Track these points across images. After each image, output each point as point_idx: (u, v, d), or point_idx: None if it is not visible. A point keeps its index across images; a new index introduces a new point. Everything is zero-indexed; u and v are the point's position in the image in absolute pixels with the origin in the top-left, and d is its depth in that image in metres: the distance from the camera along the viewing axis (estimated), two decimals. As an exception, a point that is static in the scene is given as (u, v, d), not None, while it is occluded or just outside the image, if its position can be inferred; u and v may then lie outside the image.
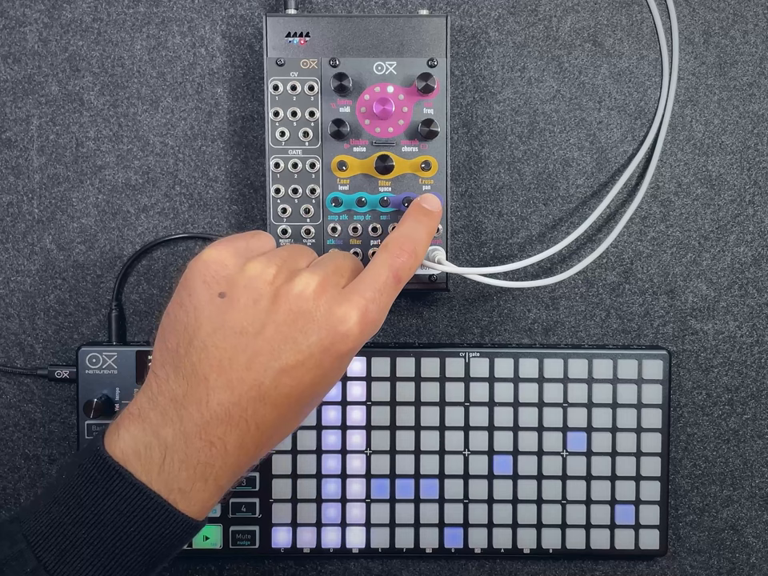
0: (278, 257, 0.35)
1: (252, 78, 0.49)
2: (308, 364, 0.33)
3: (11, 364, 0.49)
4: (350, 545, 0.48)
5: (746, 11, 0.49)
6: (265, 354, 0.33)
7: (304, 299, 0.34)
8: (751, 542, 0.50)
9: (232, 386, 0.33)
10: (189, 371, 0.33)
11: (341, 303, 0.34)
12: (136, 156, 0.49)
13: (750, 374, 0.50)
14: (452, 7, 0.49)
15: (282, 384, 0.33)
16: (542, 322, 0.50)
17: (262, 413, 0.33)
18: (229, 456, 0.33)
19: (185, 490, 0.33)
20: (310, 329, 0.33)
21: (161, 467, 0.33)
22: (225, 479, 0.34)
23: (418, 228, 0.39)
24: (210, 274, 0.34)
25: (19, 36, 0.48)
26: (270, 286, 0.34)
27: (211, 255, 0.35)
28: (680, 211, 0.50)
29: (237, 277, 0.34)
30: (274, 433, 0.35)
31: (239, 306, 0.33)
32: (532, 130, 0.49)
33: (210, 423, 0.33)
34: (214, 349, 0.33)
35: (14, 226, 0.49)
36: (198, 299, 0.34)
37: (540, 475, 0.48)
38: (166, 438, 0.33)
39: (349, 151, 0.45)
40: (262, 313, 0.33)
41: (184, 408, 0.33)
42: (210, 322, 0.33)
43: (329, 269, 0.35)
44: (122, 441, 0.33)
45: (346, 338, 0.34)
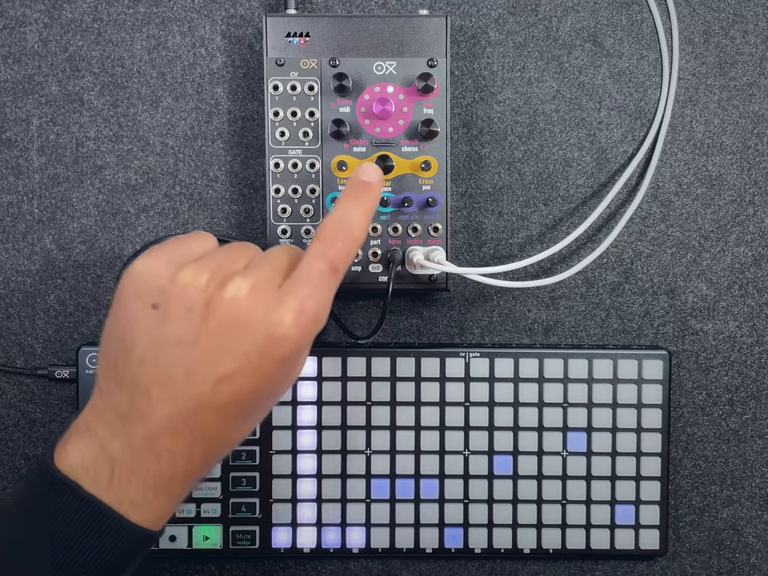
0: (212, 262, 0.34)
1: (252, 78, 0.49)
2: (246, 371, 0.32)
3: (11, 364, 0.49)
4: (350, 545, 0.48)
5: (746, 11, 0.49)
6: (201, 363, 0.32)
7: (236, 305, 0.32)
8: (751, 541, 0.50)
9: (173, 398, 0.32)
10: (130, 385, 0.33)
11: (275, 306, 0.32)
12: (136, 156, 0.49)
13: (749, 374, 0.50)
14: (452, 7, 0.49)
15: (222, 392, 0.32)
16: (542, 322, 0.50)
17: (205, 422, 0.33)
18: (178, 466, 0.33)
19: (135, 501, 0.33)
20: (245, 335, 0.32)
21: (110, 480, 0.32)
22: (176, 488, 0.34)
23: (354, 208, 0.36)
24: (142, 285, 0.33)
25: (19, 36, 0.48)
26: (202, 293, 0.33)
27: (142, 266, 0.34)
28: (680, 211, 0.50)
29: (169, 287, 0.33)
30: (222, 440, 0.34)
31: (173, 316, 0.32)
32: (532, 130, 0.49)
33: (155, 435, 0.32)
34: (151, 361, 0.32)
35: (14, 226, 0.49)
36: (131, 312, 0.33)
37: (540, 475, 0.48)
38: (114, 452, 0.33)
39: (349, 151, 0.45)
40: (196, 322, 0.32)
41: (129, 421, 0.33)
42: (145, 334, 0.33)
43: (264, 270, 0.34)
44: (70, 456, 0.33)
45: (282, 342, 0.32)
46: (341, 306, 0.50)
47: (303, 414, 0.47)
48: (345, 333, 0.48)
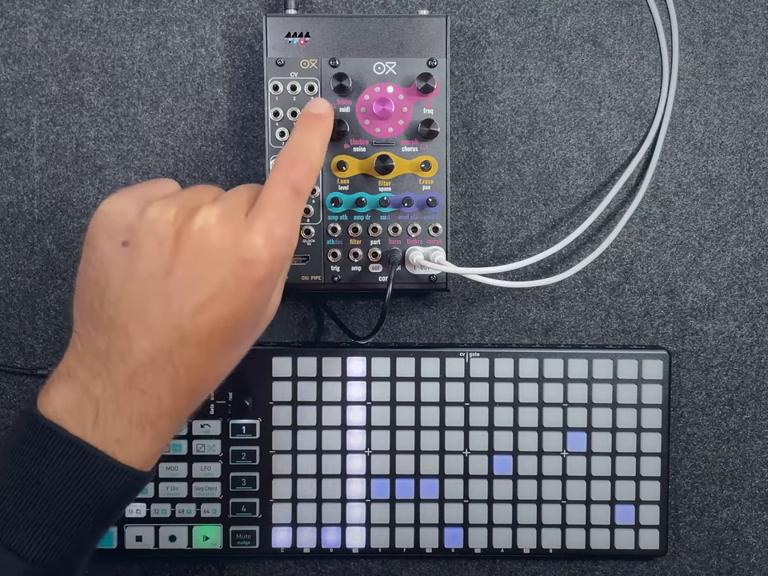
0: (179, 197, 0.35)
1: (252, 78, 0.49)
2: (223, 297, 0.32)
3: (11, 364, 0.49)
4: (350, 545, 0.48)
5: (746, 11, 0.49)
6: (178, 294, 0.32)
7: (206, 233, 0.33)
8: (751, 541, 0.50)
9: (152, 333, 0.32)
10: (107, 324, 0.33)
11: (244, 231, 0.33)
12: (136, 156, 0.49)
13: (749, 374, 0.50)
14: (452, 7, 0.49)
15: (202, 321, 0.32)
16: (542, 322, 0.50)
17: (188, 355, 0.33)
18: (163, 402, 0.33)
19: (122, 441, 0.32)
20: (217, 261, 0.32)
21: (95, 422, 0.32)
22: (163, 426, 0.34)
23: (308, 134, 0.37)
24: (110, 224, 0.33)
25: (19, 36, 0.48)
26: (171, 226, 0.33)
27: (110, 205, 0.34)
28: (680, 211, 0.50)
29: (137, 223, 0.33)
30: (206, 374, 0.34)
31: (144, 251, 0.33)
32: (532, 130, 0.49)
33: (137, 372, 0.32)
34: (127, 299, 0.33)
35: (14, 226, 0.49)
36: (102, 252, 0.33)
37: (540, 475, 0.48)
38: (96, 393, 0.32)
39: (349, 151, 0.45)
40: (168, 254, 0.33)
41: (109, 361, 0.33)
42: (118, 272, 0.33)
43: (230, 201, 0.34)
44: (53, 401, 0.33)
45: (256, 264, 0.33)
46: (341, 306, 0.50)
47: (303, 414, 0.47)
48: (345, 333, 0.48)
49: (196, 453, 0.47)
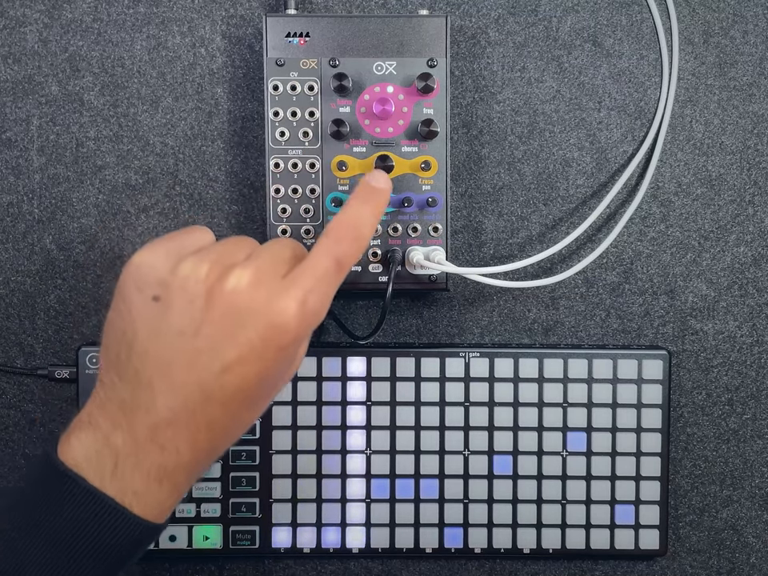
0: (212, 252, 0.34)
1: (252, 78, 0.49)
2: (250, 358, 0.32)
3: (11, 364, 0.49)
4: (350, 545, 0.48)
5: (746, 11, 0.49)
6: (204, 354, 0.32)
7: (238, 294, 0.32)
8: (751, 541, 0.50)
9: (176, 389, 0.32)
10: (132, 377, 0.33)
11: (278, 294, 0.32)
12: (136, 156, 0.49)
13: (749, 374, 0.50)
14: (452, 7, 0.49)
15: (227, 382, 0.32)
16: (542, 322, 0.50)
17: (210, 413, 0.33)
18: (181, 457, 0.33)
19: (139, 493, 0.33)
20: (247, 323, 0.32)
21: (113, 472, 0.32)
22: (180, 480, 0.34)
23: (363, 209, 0.36)
24: (142, 278, 0.33)
25: (19, 36, 0.48)
26: (202, 284, 0.33)
27: (142, 259, 0.34)
28: (680, 211, 0.50)
29: (169, 278, 0.33)
30: (227, 432, 0.34)
31: (174, 308, 0.33)
32: (532, 130, 0.49)
33: (158, 427, 0.32)
34: (154, 353, 0.33)
35: (14, 226, 0.49)
36: (132, 305, 0.33)
37: (540, 475, 0.48)
38: (117, 444, 0.33)
39: (349, 151, 0.45)
40: (198, 312, 0.32)
41: (132, 413, 0.33)
42: (147, 326, 0.33)
43: (265, 260, 0.34)
44: (73, 449, 0.33)
45: (285, 330, 0.32)
46: (341, 306, 0.50)
47: (303, 413, 0.47)
48: (345, 333, 0.48)
49: (196, 453, 0.47)
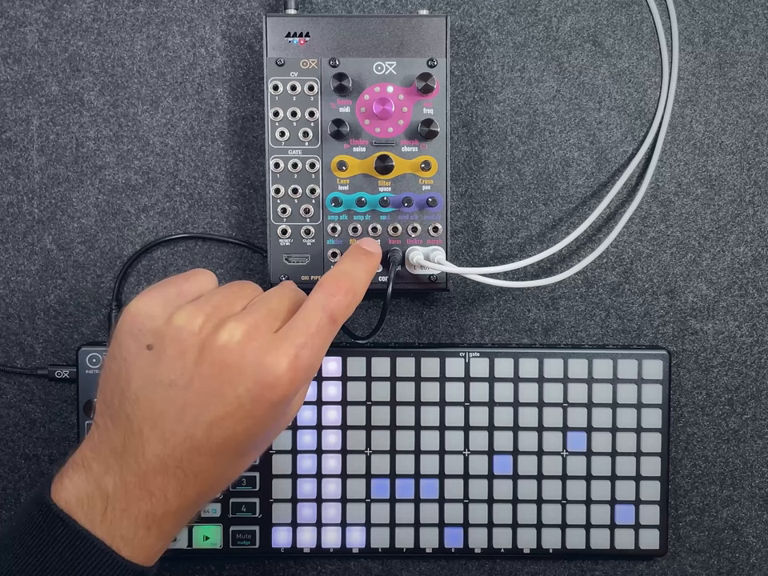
0: (208, 303, 0.34)
1: (252, 78, 0.49)
2: (238, 415, 0.33)
3: (11, 364, 0.49)
4: (350, 545, 0.48)
5: (746, 11, 0.49)
6: (194, 406, 0.33)
7: (229, 351, 0.32)
8: (751, 541, 0.50)
9: (165, 438, 0.33)
10: (124, 423, 0.33)
11: (269, 351, 0.33)
12: (136, 156, 0.49)
13: (749, 374, 0.50)
14: (452, 7, 0.49)
15: (215, 435, 0.33)
16: (542, 322, 0.50)
17: (198, 463, 0.33)
18: (170, 505, 0.33)
19: (127, 538, 0.33)
20: (237, 380, 0.32)
21: (103, 516, 0.33)
22: (168, 526, 0.34)
23: (357, 266, 0.38)
24: (137, 326, 0.34)
25: (19, 36, 0.48)
26: (196, 337, 0.33)
27: (138, 306, 0.34)
28: (680, 211, 0.50)
29: (163, 328, 0.33)
30: (215, 481, 0.35)
31: (166, 358, 0.33)
32: (532, 130, 0.49)
33: (147, 474, 0.33)
34: (145, 401, 0.33)
35: (14, 226, 0.49)
36: (127, 352, 0.34)
37: (540, 475, 0.48)
38: (107, 488, 0.33)
39: (349, 151, 0.45)
40: (190, 365, 0.33)
41: (123, 458, 0.33)
42: (139, 374, 0.33)
43: (260, 313, 0.34)
44: (65, 490, 0.33)
45: (275, 387, 0.32)
46: (341, 305, 0.50)
47: (303, 414, 0.47)
48: (345, 333, 0.48)
49: (196, 453, 0.47)
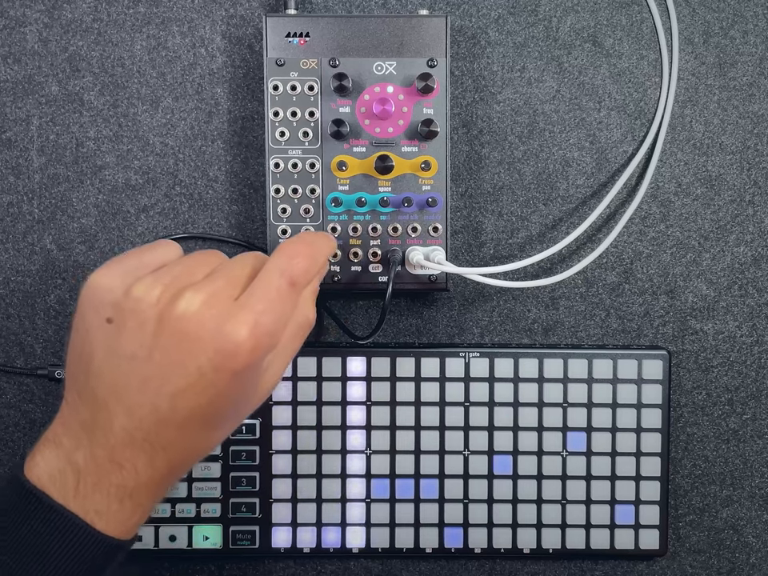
0: (168, 273, 0.33)
1: (252, 78, 0.49)
2: (200, 385, 0.32)
3: (11, 364, 0.49)
4: (350, 545, 0.48)
5: (746, 11, 0.49)
6: (156, 378, 0.32)
7: (187, 320, 0.32)
8: (751, 541, 0.50)
9: (131, 411, 0.32)
10: (90, 397, 0.33)
11: (228, 319, 0.32)
12: (136, 156, 0.49)
13: (750, 374, 0.50)
14: (452, 7, 0.49)
15: (179, 407, 0.32)
16: (542, 322, 0.50)
17: (165, 435, 0.33)
18: (141, 477, 0.33)
19: (101, 512, 0.33)
20: (197, 350, 0.32)
21: (75, 490, 0.33)
22: (142, 498, 0.34)
23: (317, 237, 0.37)
24: (98, 299, 0.33)
25: (19, 36, 0.48)
26: (154, 307, 0.32)
27: (98, 279, 0.33)
28: (680, 211, 0.50)
29: (122, 301, 0.32)
30: (186, 454, 0.34)
31: (126, 331, 0.32)
32: (532, 130, 0.49)
33: (116, 447, 0.33)
34: (108, 375, 0.33)
35: (14, 226, 0.49)
36: (89, 326, 0.33)
37: (540, 475, 0.48)
38: (78, 462, 0.33)
39: (349, 151, 0.45)
40: (149, 337, 0.32)
41: (92, 433, 0.33)
42: (101, 348, 0.33)
43: (220, 281, 0.33)
44: (37, 467, 0.33)
45: (236, 356, 0.31)
46: (341, 306, 0.50)
47: (303, 414, 0.47)
48: (345, 333, 0.48)
49: (196, 453, 0.47)
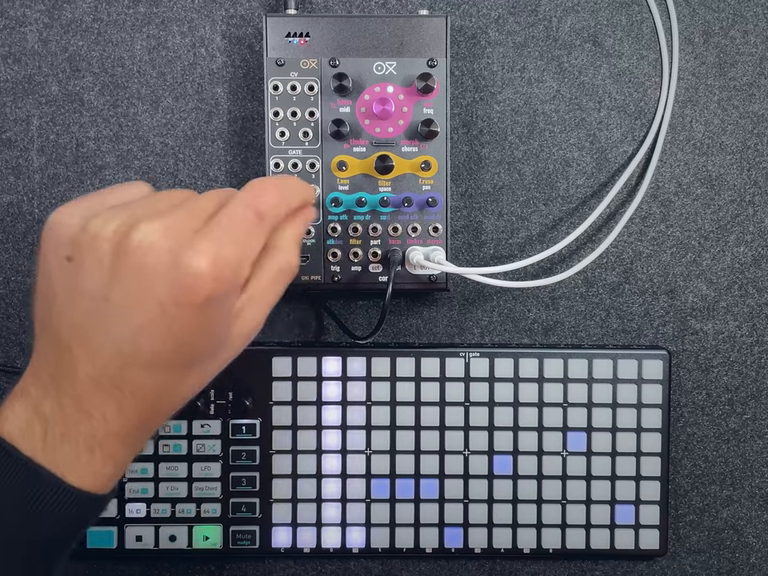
0: (127, 209, 0.31)
1: (252, 78, 0.49)
2: (162, 322, 0.30)
3: (11, 364, 0.49)
4: (350, 545, 0.48)
5: (746, 11, 0.49)
6: (116, 317, 0.30)
7: (143, 252, 0.30)
8: (751, 541, 0.50)
9: (93, 355, 0.31)
10: (54, 342, 0.32)
11: (186, 251, 0.30)
12: (136, 156, 0.49)
13: (750, 374, 0.50)
14: (452, 7, 0.49)
15: (143, 346, 0.30)
16: (542, 322, 0.50)
17: (132, 379, 0.31)
18: (110, 426, 0.31)
19: (70, 463, 0.31)
20: (155, 283, 0.30)
21: (44, 442, 0.31)
22: (113, 449, 0.32)
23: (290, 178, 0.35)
24: (56, 238, 0.31)
25: (19, 36, 0.48)
26: (109, 242, 0.30)
27: (56, 218, 0.32)
28: (680, 211, 0.50)
29: (80, 237, 0.31)
30: (155, 399, 0.32)
31: (85, 269, 0.30)
32: (532, 130, 0.49)
33: (83, 395, 0.31)
34: (69, 316, 0.31)
35: (13, 226, 0.49)
36: (50, 266, 0.32)
37: (540, 475, 0.48)
38: (45, 413, 0.31)
39: (349, 151, 0.45)
40: (107, 273, 0.30)
41: (58, 381, 0.31)
42: (62, 288, 0.31)
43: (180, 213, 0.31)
44: (5, 420, 0.32)
45: (196, 287, 0.29)
46: (341, 306, 0.50)
47: (303, 414, 0.47)
48: (345, 333, 0.48)
49: (196, 453, 0.47)
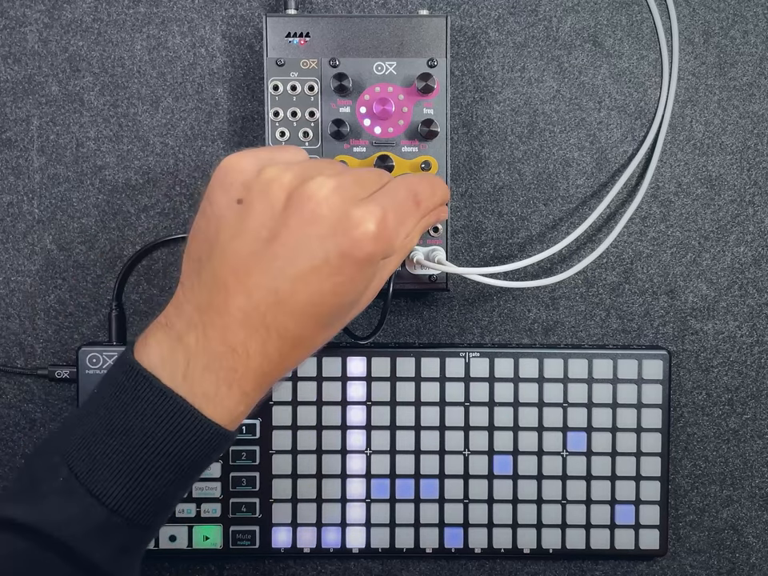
0: (300, 164, 0.34)
1: (252, 78, 0.49)
2: (325, 270, 0.32)
3: (11, 364, 0.49)
4: (350, 545, 0.48)
5: (746, 11, 0.49)
6: (280, 259, 0.32)
7: (317, 202, 0.32)
8: (751, 541, 0.50)
9: (249, 292, 0.32)
10: (210, 278, 0.33)
11: (357, 209, 0.32)
12: (136, 156, 0.49)
13: (750, 374, 0.50)
14: (452, 7, 0.49)
15: (300, 291, 0.32)
16: (542, 322, 0.50)
17: (281, 320, 0.33)
18: (251, 361, 0.33)
19: (209, 396, 0.33)
20: (324, 233, 0.32)
21: (185, 373, 0.33)
22: (250, 386, 0.34)
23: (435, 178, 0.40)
24: (228, 180, 0.34)
25: (19, 36, 0.48)
26: (284, 189, 0.33)
27: (230, 161, 0.34)
28: (680, 211, 0.50)
29: (253, 182, 0.33)
30: (297, 343, 0.34)
31: (255, 211, 0.33)
32: (532, 130, 0.49)
33: (229, 328, 0.33)
34: (232, 255, 0.33)
35: (14, 226, 0.49)
36: (217, 206, 0.34)
37: (540, 475, 0.48)
38: (189, 343, 0.33)
39: (349, 151, 0.45)
40: (277, 218, 0.33)
41: (206, 314, 0.33)
42: (228, 228, 0.33)
43: (349, 177, 0.34)
44: (149, 348, 0.33)
45: (361, 244, 0.32)
46: (341, 305, 0.50)
47: (303, 413, 0.47)
48: (345, 333, 0.48)
49: (196, 453, 0.47)
